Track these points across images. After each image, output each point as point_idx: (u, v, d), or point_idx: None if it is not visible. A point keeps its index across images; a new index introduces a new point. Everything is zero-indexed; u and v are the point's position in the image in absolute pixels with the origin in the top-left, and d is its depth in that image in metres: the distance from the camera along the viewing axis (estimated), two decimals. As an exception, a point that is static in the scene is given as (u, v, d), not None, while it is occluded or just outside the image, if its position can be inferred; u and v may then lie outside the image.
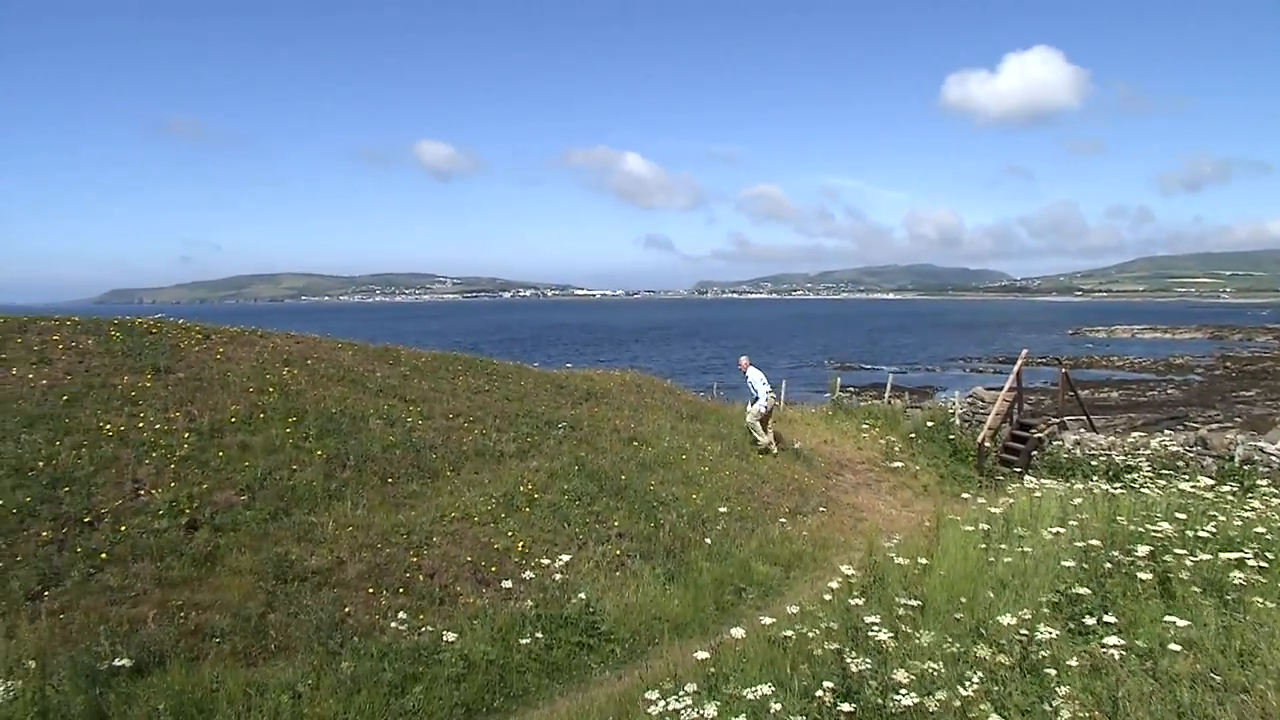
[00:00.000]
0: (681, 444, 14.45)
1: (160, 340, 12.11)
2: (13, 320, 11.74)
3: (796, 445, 17.58)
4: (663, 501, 11.57)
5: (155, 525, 8.09)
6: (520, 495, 10.29)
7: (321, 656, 6.81)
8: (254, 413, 10.44)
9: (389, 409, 11.77)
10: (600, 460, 12.20)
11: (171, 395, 10.45)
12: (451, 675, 6.90)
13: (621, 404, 16.16)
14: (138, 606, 7.12)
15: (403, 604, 7.81)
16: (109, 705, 5.91)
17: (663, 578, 9.56)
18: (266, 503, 8.84)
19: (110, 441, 9.14)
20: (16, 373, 10.15)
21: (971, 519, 8.33)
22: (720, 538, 11.11)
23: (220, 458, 9.35)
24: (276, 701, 6.18)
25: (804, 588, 9.92)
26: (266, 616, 7.32)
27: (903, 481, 17.18)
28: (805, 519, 13.20)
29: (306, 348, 13.78)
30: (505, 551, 9.12)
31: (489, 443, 11.70)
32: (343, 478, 9.68)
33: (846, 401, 23.41)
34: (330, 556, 8.22)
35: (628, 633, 8.24)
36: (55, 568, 7.32)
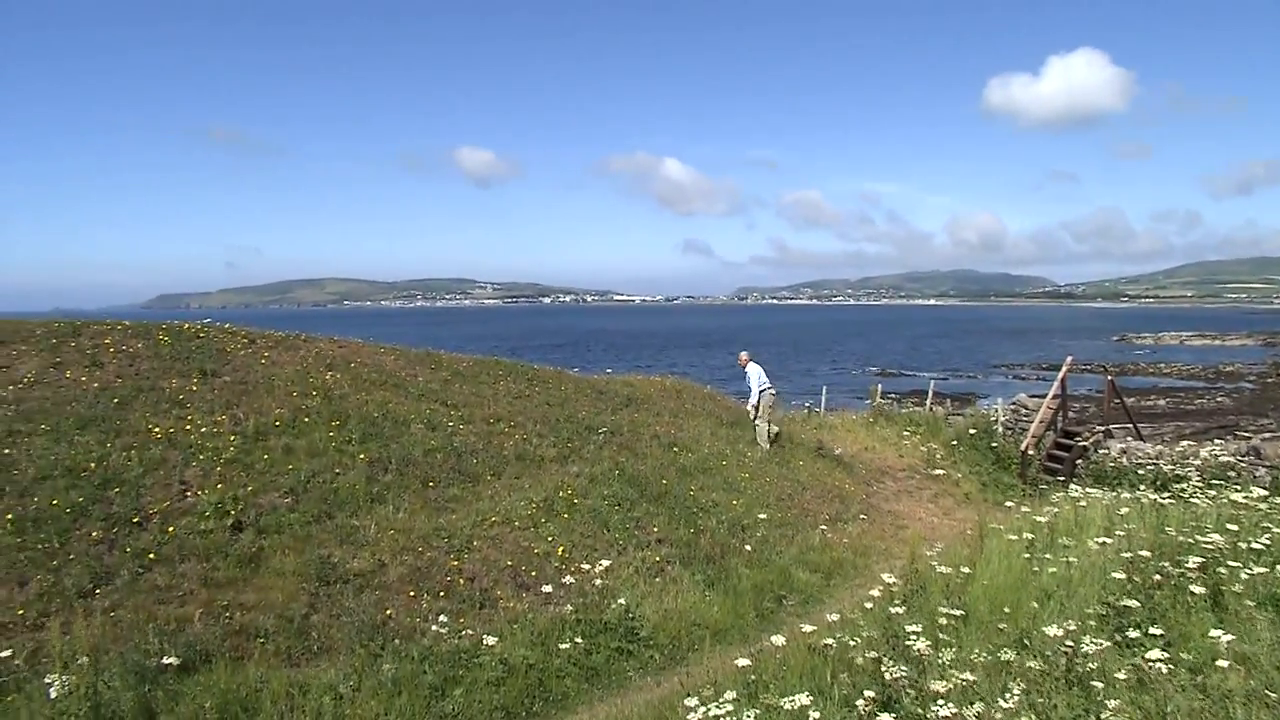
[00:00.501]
0: (722, 450, 14.41)
1: (207, 344, 12.31)
2: (66, 324, 12.03)
3: (838, 452, 17.48)
4: (703, 507, 11.55)
5: (202, 526, 8.22)
6: (560, 500, 10.31)
7: (363, 658, 6.86)
8: (298, 416, 10.57)
9: (430, 413, 11.87)
10: (640, 466, 12.20)
11: (218, 398, 10.61)
12: (491, 679, 6.92)
13: (661, 409, 16.15)
14: (185, 606, 7.24)
15: (443, 607, 7.85)
16: (157, 702, 6.01)
17: (702, 584, 9.54)
18: (310, 505, 8.94)
19: (159, 444, 9.31)
20: (70, 375, 10.39)
21: (1015, 528, 8.22)
22: (760, 544, 11.06)
23: (265, 460, 9.48)
24: (319, 702, 6.24)
25: (845, 595, 9.85)
26: (309, 618, 7.40)
27: (944, 489, 17.01)
28: (846, 526, 13.10)
29: (349, 352, 13.93)
30: (545, 556, 9.15)
31: (529, 447, 11.74)
32: (385, 481, 9.77)
33: (887, 408, 23.22)
34: (372, 559, 8.30)
35: (667, 639, 8.23)
36: (106, 567, 7.47)
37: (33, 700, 5.65)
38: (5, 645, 6.32)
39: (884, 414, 22.10)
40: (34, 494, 8.13)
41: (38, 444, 8.86)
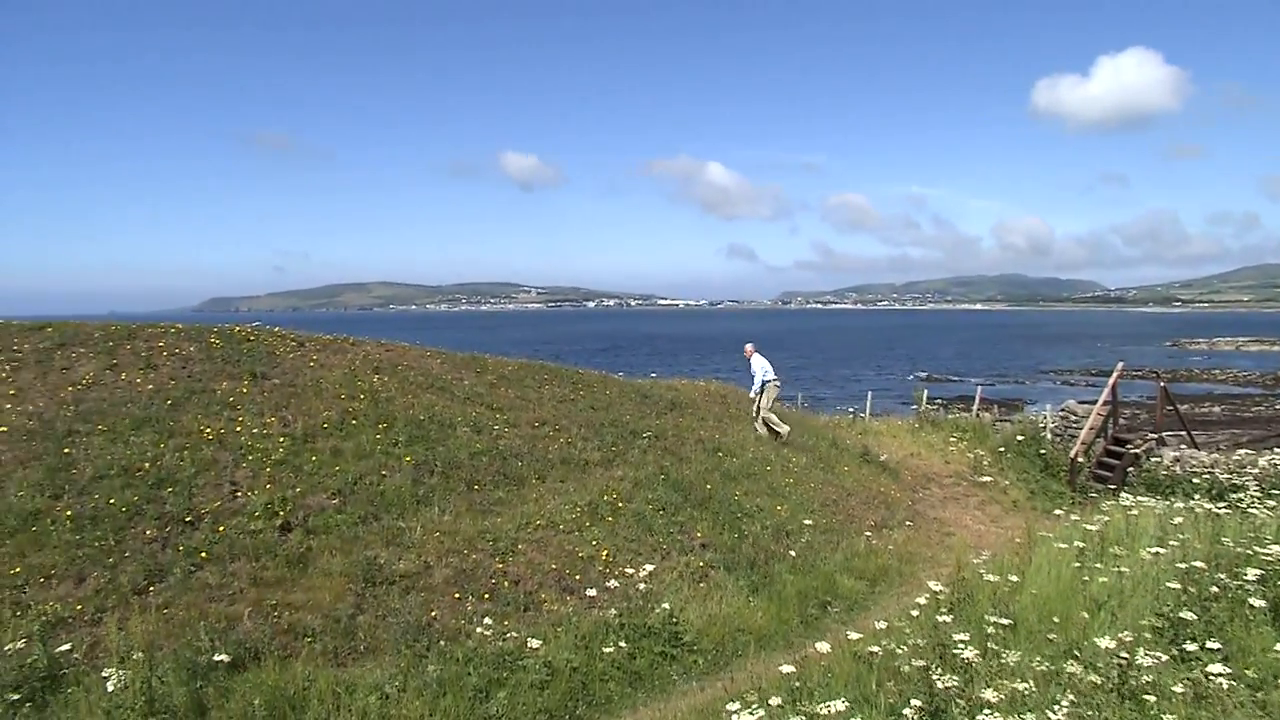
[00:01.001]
0: (766, 455, 14.36)
1: (257, 347, 12.50)
2: (122, 328, 12.28)
3: (883, 457, 17.35)
4: (747, 513, 11.51)
5: (251, 526, 8.35)
6: (605, 504, 10.33)
7: (409, 659, 6.92)
8: (345, 419, 10.69)
9: (476, 416, 11.95)
10: (684, 470, 12.19)
11: (267, 401, 10.77)
12: (535, 681, 6.94)
13: (706, 414, 16.13)
14: (235, 604, 7.35)
15: (488, 609, 7.90)
16: (208, 698, 6.11)
17: (746, 589, 9.50)
18: (357, 507, 9.04)
19: (210, 445, 9.47)
20: (126, 377, 10.61)
21: (1064, 536, 8.09)
22: (805, 550, 11.00)
23: (313, 462, 9.60)
24: (365, 702, 6.30)
25: (890, 603, 9.77)
26: (356, 618, 7.48)
27: (991, 496, 16.80)
28: (891, 533, 13.00)
29: (396, 355, 14.07)
30: (589, 560, 9.17)
31: (574, 451, 11.78)
32: (431, 484, 9.85)
33: (933, 414, 23.02)
34: (418, 561, 8.37)
35: (710, 644, 8.20)
36: (160, 565, 7.61)
37: (91, 693, 5.79)
38: (65, 639, 6.50)
39: (930, 420, 21.92)
40: (92, 492, 8.32)
41: (95, 444, 9.07)
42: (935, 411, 23.89)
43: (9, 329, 11.73)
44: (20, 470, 8.46)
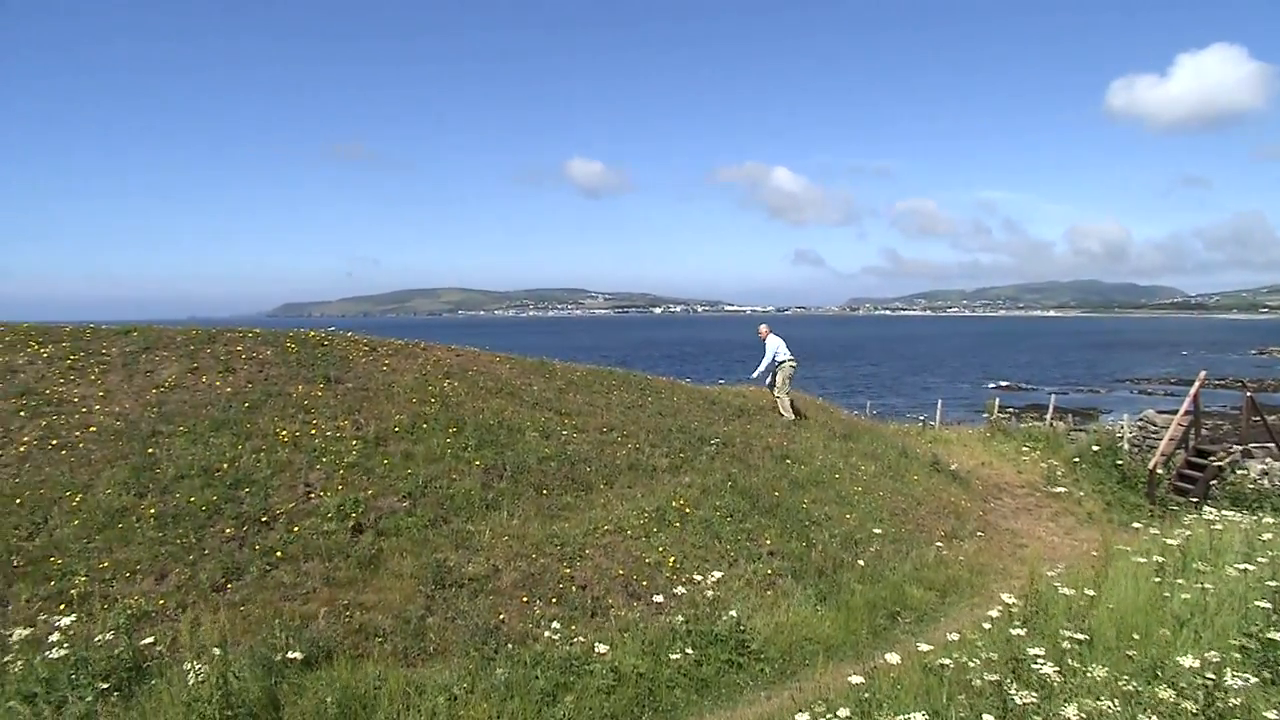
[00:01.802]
0: (834, 463, 14.22)
1: (331, 352, 12.75)
2: (203, 332, 12.63)
3: (953, 467, 17.06)
4: (815, 521, 11.40)
5: (324, 527, 8.51)
6: (672, 510, 10.32)
7: (477, 661, 6.97)
8: (416, 422, 10.84)
9: (545, 422, 12.02)
10: (752, 477, 12.12)
11: (340, 404, 10.97)
12: (602, 686, 6.95)
13: (774, 421, 16.02)
14: (308, 604, 7.50)
15: (555, 614, 7.94)
16: (282, 695, 6.22)
17: (814, 598, 9.40)
18: (427, 510, 9.16)
19: (285, 447, 9.67)
20: (206, 380, 10.89)
21: (1143, 550, 7.88)
22: (873, 560, 10.86)
23: (385, 465, 9.75)
24: (434, 702, 6.36)
25: (961, 615, 9.59)
26: (425, 619, 7.56)
27: (1065, 508, 16.41)
28: (962, 543, 12.77)
29: (466, 360, 14.24)
30: (657, 566, 9.16)
31: (642, 457, 11.79)
32: (499, 488, 9.93)
33: (1005, 423, 22.57)
34: (487, 564, 8.44)
35: (778, 652, 8.13)
36: (237, 563, 7.79)
37: (172, 685, 5.95)
38: (149, 633, 6.70)
39: (1001, 428, 21.50)
40: (174, 492, 8.57)
41: (177, 445, 9.33)
42: (1007, 420, 23.42)
43: (98, 333, 12.15)
44: (108, 469, 8.76)
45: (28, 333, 11.91)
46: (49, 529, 7.86)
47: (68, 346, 11.42)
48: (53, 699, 5.80)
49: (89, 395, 10.20)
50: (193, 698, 5.73)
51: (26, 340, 11.50)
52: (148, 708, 5.82)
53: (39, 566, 7.38)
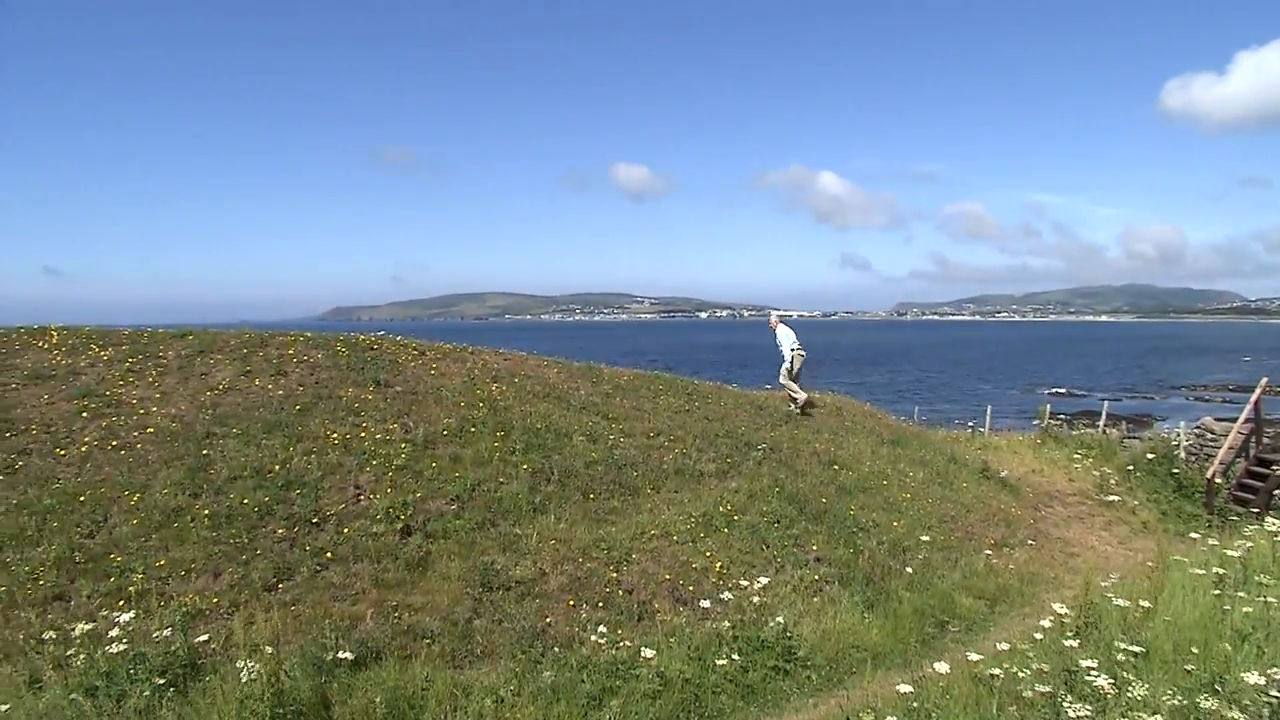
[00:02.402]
0: (882, 469, 14.10)
1: (380, 355, 12.90)
2: (255, 336, 12.85)
3: (1003, 474, 16.84)
4: (863, 527, 11.32)
5: (373, 529, 8.60)
6: (719, 515, 10.30)
7: (524, 664, 7.00)
8: (464, 426, 10.93)
9: (592, 426, 12.06)
10: (800, 483, 12.06)
11: (390, 407, 11.09)
12: (648, 691, 6.94)
13: (821, 426, 15.93)
14: (357, 604, 7.58)
15: (602, 618, 7.95)
16: (332, 694, 6.30)
17: (861, 606, 9.33)
18: (475, 513, 9.22)
19: (336, 449, 9.80)
20: (259, 383, 11.08)
21: (1201, 561, 7.70)
22: (922, 567, 10.75)
23: (433, 468, 9.84)
24: (480, 704, 6.40)
25: (1011, 624, 9.46)
26: (473, 622, 7.61)
27: (1119, 517, 16.13)
28: (1012, 552, 12.59)
29: (514, 365, 14.33)
30: (703, 571, 9.14)
31: (689, 462, 11.78)
32: (546, 491, 9.98)
33: (1056, 429, 22.23)
34: (533, 568, 8.48)
35: (824, 660, 8.08)
36: (288, 563, 7.91)
37: (226, 682, 6.05)
38: (203, 630, 6.83)
39: (1053, 435, 21.20)
40: (227, 492, 8.72)
41: (230, 446, 9.50)
42: (1058, 427, 23.08)
43: (155, 337, 12.43)
44: (164, 469, 8.94)
45: (89, 336, 12.23)
46: (109, 527, 8.06)
47: (127, 350, 11.69)
48: (113, 692, 5.94)
49: (147, 397, 10.42)
50: (245, 695, 5.83)
51: (88, 344, 11.80)
52: (202, 704, 5.92)
53: (99, 563, 7.57)
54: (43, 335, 12.18)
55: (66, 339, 12.02)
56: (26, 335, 12.16)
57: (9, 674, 6.19)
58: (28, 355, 11.32)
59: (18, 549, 7.62)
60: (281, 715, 5.81)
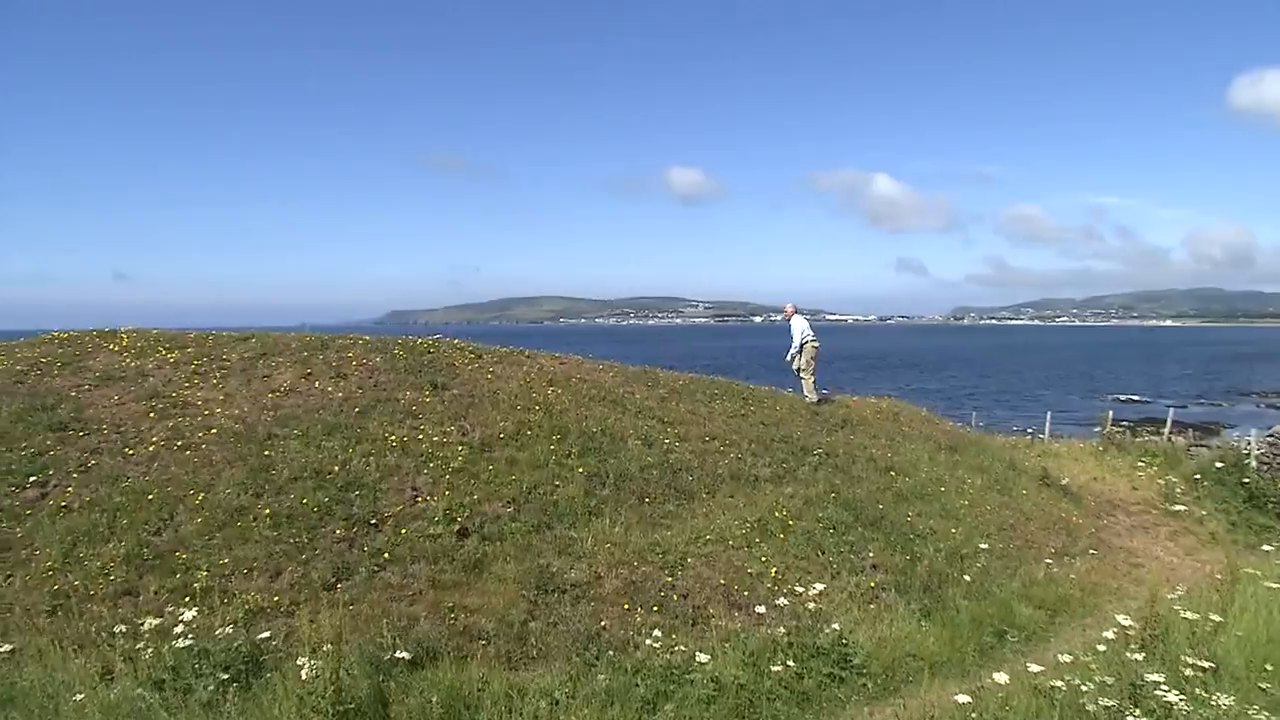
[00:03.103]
0: (940, 475, 13.92)
1: (437, 359, 13.05)
2: (316, 339, 13.09)
3: (1064, 481, 16.53)
4: (919, 534, 11.18)
5: (431, 531, 8.69)
6: (774, 521, 10.24)
7: (578, 667, 7.03)
8: (521, 429, 11.00)
9: (647, 430, 12.07)
10: (855, 489, 11.96)
11: (447, 410, 11.21)
12: (702, 696, 6.92)
13: (878, 432, 15.78)
14: (414, 605, 7.67)
15: (656, 622, 7.95)
16: (390, 692, 6.37)
17: (918, 613, 9.22)
18: (531, 516, 9.28)
19: (394, 451, 9.92)
20: (319, 386, 11.27)
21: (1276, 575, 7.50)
22: (980, 575, 10.59)
23: (489, 471, 9.92)
24: (536, 706, 6.43)
25: (1072, 635, 9.29)
26: (528, 624, 7.66)
27: (1185, 527, 15.74)
28: (1073, 561, 12.35)
29: (569, 368, 14.39)
30: (758, 576, 9.10)
31: (744, 467, 11.73)
32: (602, 495, 10.00)
33: (1119, 437, 21.77)
34: (589, 571, 8.51)
35: (880, 667, 7.99)
36: (347, 563, 8.03)
37: (287, 679, 6.17)
38: (265, 627, 6.97)
39: (1115, 443, 20.75)
40: (288, 492, 8.88)
41: (291, 447, 9.67)
42: (1121, 434, 22.59)
43: (219, 340, 12.72)
44: (228, 469, 9.13)
45: (157, 339, 12.55)
46: (175, 525, 8.25)
47: (192, 352, 11.97)
48: (179, 686, 6.08)
49: (211, 399, 10.65)
50: (306, 692, 5.92)
51: (156, 346, 12.10)
52: (264, 700, 6.03)
53: (166, 560, 7.75)
54: (113, 338, 12.54)
55: (135, 341, 12.36)
56: (98, 337, 12.54)
57: (83, 665, 6.39)
58: (99, 357, 11.65)
59: (90, 545, 7.85)
60: (340, 713, 5.89)
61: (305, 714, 5.80)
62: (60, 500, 8.44)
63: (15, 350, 12.08)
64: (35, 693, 6.04)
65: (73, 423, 9.74)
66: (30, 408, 9.94)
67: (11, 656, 6.46)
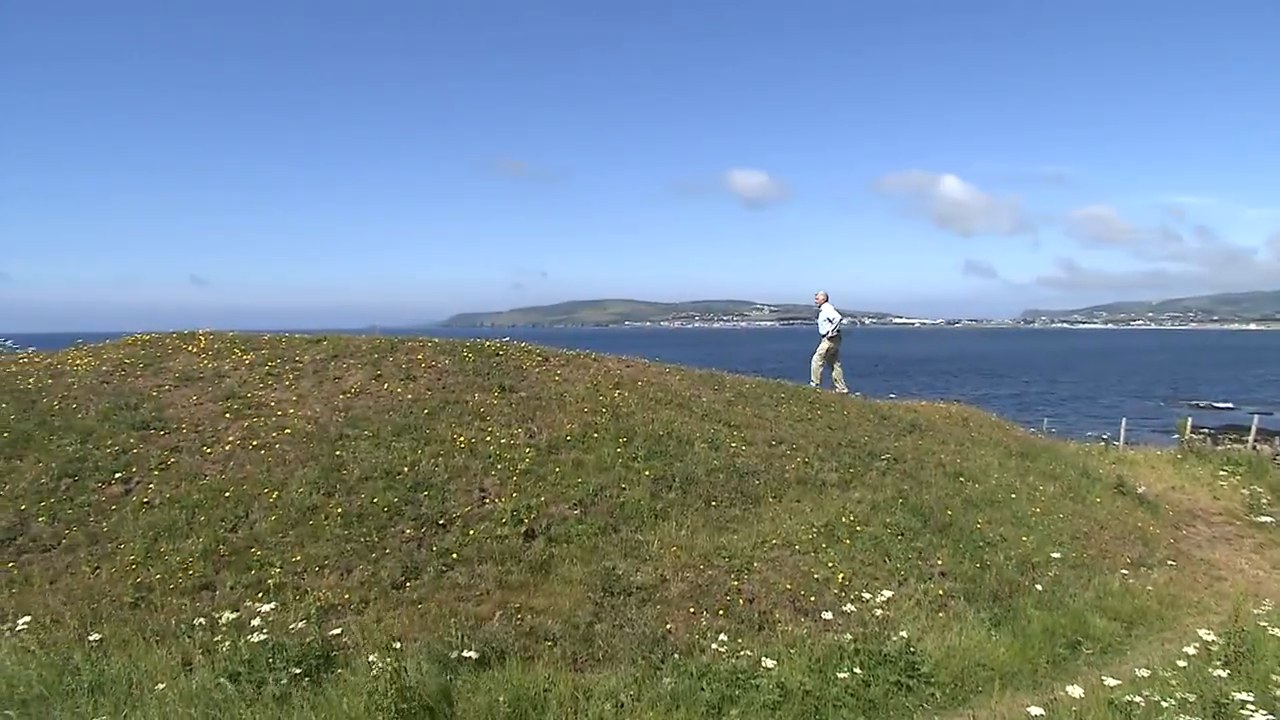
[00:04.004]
0: (1011, 482, 13.65)
1: (505, 361, 13.17)
2: (385, 341, 13.31)
3: (1140, 490, 16.10)
4: (989, 542, 10.98)
5: (498, 532, 8.77)
6: (841, 526, 10.14)
7: (644, 669, 7.03)
8: (587, 432, 11.05)
9: (713, 433, 12.03)
10: (924, 495, 11.78)
11: (514, 412, 11.30)
12: (767, 702, 6.88)
13: (947, 437, 15.53)
14: (481, 605, 7.75)
15: (722, 626, 7.92)
16: (457, 691, 6.46)
17: (988, 623, 9.05)
18: (597, 518, 9.31)
19: (462, 453, 10.03)
20: (388, 387, 11.45)
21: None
22: (1052, 585, 10.36)
23: (556, 473, 9.98)
24: (601, 708, 6.45)
25: (1150, 649, 9.04)
26: (594, 626, 7.68)
27: (1272, 539, 15.21)
28: (1150, 572, 12.01)
29: (636, 371, 14.41)
30: (825, 582, 9.02)
31: (811, 471, 11.64)
32: (668, 498, 10.00)
33: (1199, 444, 21.14)
34: (655, 574, 8.51)
35: (949, 677, 7.86)
36: (415, 563, 8.15)
37: (356, 675, 6.29)
38: (335, 624, 7.11)
39: (1195, 450, 20.16)
40: (359, 492, 9.04)
41: (362, 448, 9.84)
42: (1201, 441, 21.94)
43: (292, 342, 13.01)
44: (300, 469, 9.33)
45: (233, 341, 12.89)
46: (250, 522, 8.46)
47: (266, 354, 12.25)
48: (253, 679, 6.24)
49: (284, 399, 10.89)
50: (374, 688, 6.03)
51: (232, 348, 12.43)
52: (334, 694, 6.15)
53: (242, 557, 7.96)
54: (192, 340, 12.91)
55: (212, 344, 12.70)
56: (178, 340, 12.92)
57: (164, 656, 6.60)
58: (179, 359, 11.99)
59: (171, 540, 8.10)
60: (408, 710, 5.98)
61: (374, 710, 5.91)
62: (143, 496, 8.73)
63: (102, 352, 12.52)
64: (121, 681, 6.27)
65: (154, 422, 10.05)
66: (115, 407, 10.29)
67: (99, 646, 6.70)
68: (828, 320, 17.80)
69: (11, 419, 9.94)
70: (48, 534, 8.18)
